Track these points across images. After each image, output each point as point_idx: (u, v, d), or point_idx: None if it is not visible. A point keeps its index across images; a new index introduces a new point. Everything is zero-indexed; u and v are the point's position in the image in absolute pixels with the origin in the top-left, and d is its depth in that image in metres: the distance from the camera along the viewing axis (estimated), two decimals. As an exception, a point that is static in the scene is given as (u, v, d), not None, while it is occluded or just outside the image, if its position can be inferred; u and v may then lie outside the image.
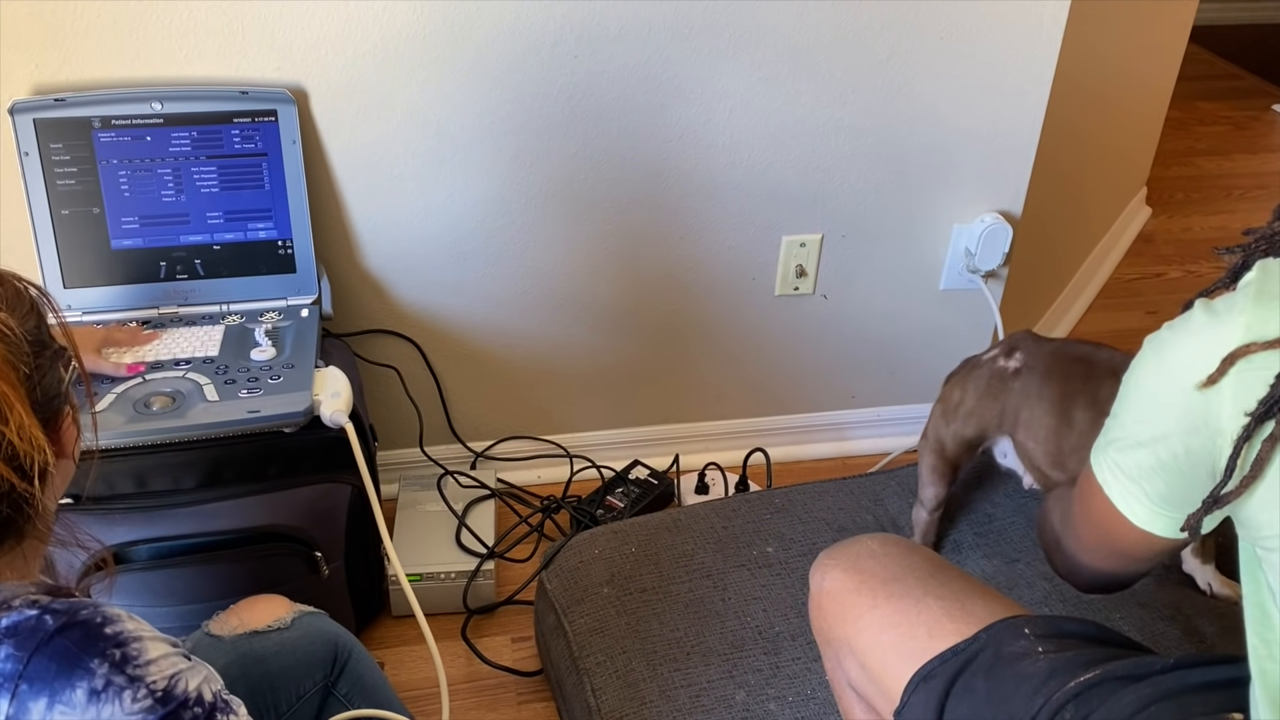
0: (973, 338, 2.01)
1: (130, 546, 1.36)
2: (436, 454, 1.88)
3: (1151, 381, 0.83)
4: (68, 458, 0.86)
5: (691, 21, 1.59)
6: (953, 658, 0.95)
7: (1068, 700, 0.87)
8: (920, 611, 1.00)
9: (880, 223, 1.84)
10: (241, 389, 1.36)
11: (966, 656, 0.95)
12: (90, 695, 0.72)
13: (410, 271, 1.72)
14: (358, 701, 1.18)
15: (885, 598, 1.03)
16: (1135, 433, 0.85)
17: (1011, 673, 0.92)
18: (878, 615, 1.02)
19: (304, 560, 1.45)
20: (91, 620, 0.74)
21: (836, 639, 1.07)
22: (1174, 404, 0.81)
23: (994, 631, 0.96)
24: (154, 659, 0.75)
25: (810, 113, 1.70)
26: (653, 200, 1.74)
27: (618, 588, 1.46)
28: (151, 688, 0.74)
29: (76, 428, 0.88)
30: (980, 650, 0.95)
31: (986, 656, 0.94)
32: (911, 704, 0.97)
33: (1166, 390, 0.81)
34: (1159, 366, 0.82)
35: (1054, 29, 1.70)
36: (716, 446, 2.00)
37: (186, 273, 1.54)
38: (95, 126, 1.46)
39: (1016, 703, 0.90)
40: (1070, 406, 1.34)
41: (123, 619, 0.76)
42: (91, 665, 0.72)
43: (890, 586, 1.03)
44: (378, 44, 1.53)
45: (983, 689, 0.93)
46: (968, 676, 0.94)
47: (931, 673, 0.96)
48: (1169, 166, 3.18)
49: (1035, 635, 0.94)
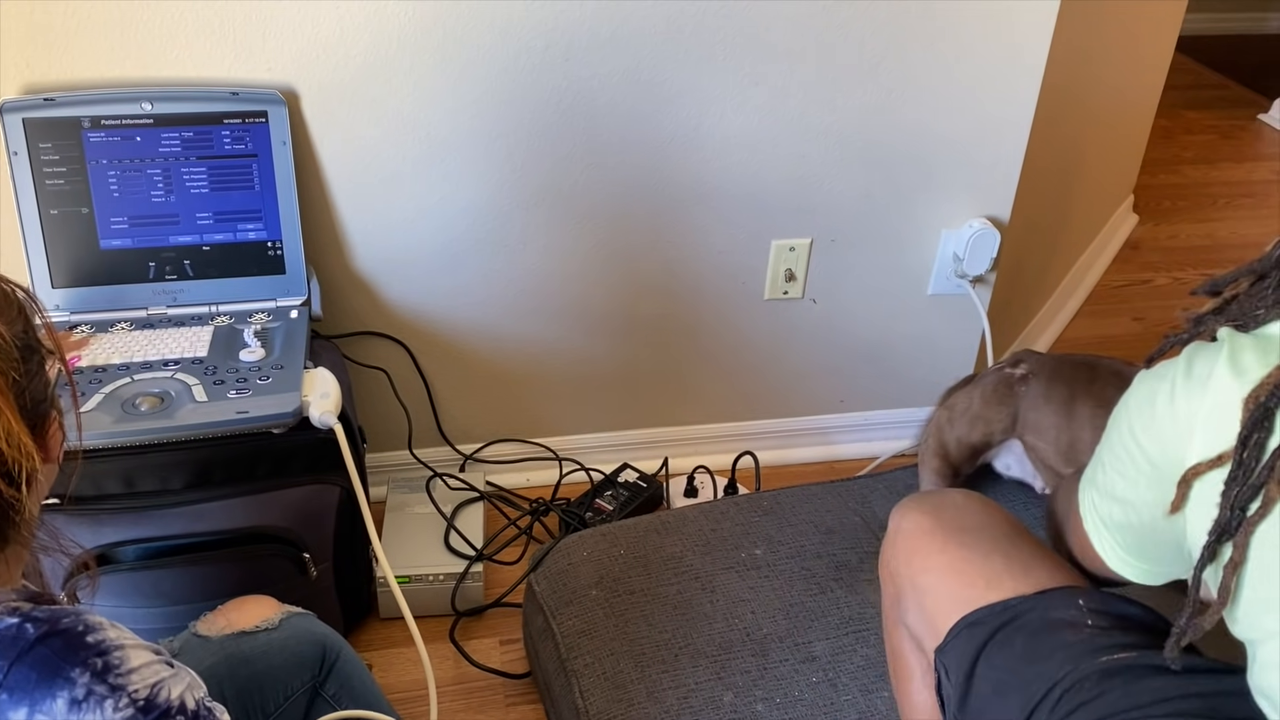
0: (961, 343, 2.01)
1: (117, 547, 1.36)
2: (425, 456, 1.88)
3: (1135, 434, 0.84)
4: (53, 462, 0.86)
5: (682, 26, 1.60)
6: (1002, 611, 0.98)
7: (1092, 673, 0.88)
8: (985, 563, 1.02)
9: (869, 228, 1.84)
10: (230, 390, 1.36)
11: (1015, 612, 0.97)
12: (71, 705, 0.71)
13: (400, 274, 1.72)
14: (345, 702, 1.18)
15: (956, 545, 1.05)
16: (1113, 484, 0.87)
17: (1052, 638, 0.94)
18: (945, 559, 1.05)
19: (292, 561, 1.44)
20: (73, 629, 0.74)
21: (901, 576, 1.09)
22: (1145, 472, 0.82)
23: (1048, 596, 0.97)
24: (136, 667, 0.75)
25: (800, 117, 1.71)
26: (643, 204, 1.74)
27: (606, 590, 1.46)
28: (133, 696, 0.73)
29: (62, 431, 0.88)
30: (1029, 610, 0.97)
31: (1034, 617, 0.96)
32: (953, 644, 0.99)
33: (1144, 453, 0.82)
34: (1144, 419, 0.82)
35: (1042, 36, 1.71)
36: (705, 450, 2.01)
37: (176, 273, 1.54)
38: (85, 126, 1.46)
39: (1048, 665, 0.91)
40: (1076, 405, 1.36)
41: (105, 627, 0.75)
42: (72, 675, 0.72)
43: (962, 536, 1.06)
44: (369, 46, 1.53)
45: (1020, 646, 0.95)
46: (1010, 630, 0.96)
47: (979, 620, 0.98)
48: (1156, 174, 3.20)
49: (1089, 609, 0.95)
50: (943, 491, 1.14)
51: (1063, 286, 2.50)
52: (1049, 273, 2.39)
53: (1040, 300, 2.38)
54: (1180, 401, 0.79)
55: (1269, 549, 0.74)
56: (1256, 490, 0.73)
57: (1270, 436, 0.73)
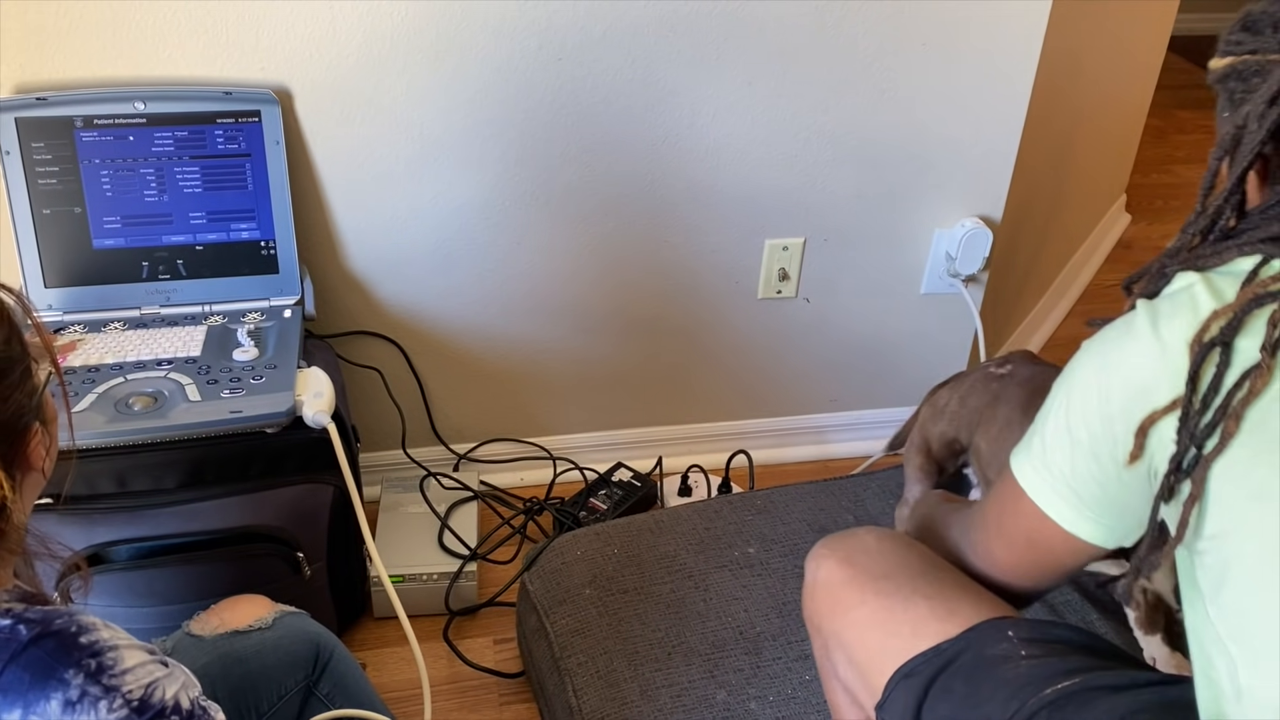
0: (953, 342, 2.02)
1: (111, 546, 1.35)
2: (419, 456, 1.88)
3: (1094, 381, 0.84)
4: (37, 471, 0.85)
5: (675, 26, 1.60)
6: (934, 657, 0.96)
7: (1042, 707, 0.87)
8: (907, 610, 1.00)
9: (862, 227, 1.85)
10: (224, 389, 1.36)
11: (948, 656, 0.95)
12: (65, 706, 0.71)
13: (394, 273, 1.72)
14: (339, 701, 1.18)
15: (874, 594, 1.03)
16: (1072, 433, 0.86)
17: (990, 676, 0.92)
18: (865, 611, 1.03)
19: (286, 561, 1.44)
20: (66, 629, 0.74)
21: (826, 630, 1.07)
22: (1115, 406, 0.82)
23: (977, 632, 0.96)
24: (130, 668, 0.75)
25: (793, 117, 1.71)
26: (637, 203, 1.74)
27: (600, 589, 1.46)
28: (128, 697, 0.73)
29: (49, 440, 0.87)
30: (962, 651, 0.95)
31: (967, 658, 0.94)
32: (892, 700, 0.97)
33: (1108, 391, 0.82)
34: (1102, 367, 0.83)
35: (1034, 37, 1.72)
36: (699, 449, 2.01)
37: (169, 273, 1.53)
38: (77, 126, 1.46)
39: (992, 707, 0.90)
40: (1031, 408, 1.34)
41: (98, 628, 0.75)
42: (66, 676, 0.72)
43: (880, 583, 1.03)
44: (362, 45, 1.53)
45: (960, 690, 0.93)
46: (947, 677, 0.94)
47: (913, 670, 0.96)
48: (1148, 174, 3.21)
49: (1019, 639, 0.94)
50: (854, 535, 1.11)
51: (1055, 286, 2.51)
52: (1041, 272, 2.40)
53: (1033, 299, 2.39)
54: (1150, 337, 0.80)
55: (1226, 483, 0.76)
56: (1213, 427, 0.75)
57: (1226, 373, 0.75)
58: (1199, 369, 0.76)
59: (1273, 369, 0.74)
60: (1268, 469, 0.73)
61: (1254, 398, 0.74)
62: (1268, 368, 0.74)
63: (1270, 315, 0.75)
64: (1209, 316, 0.77)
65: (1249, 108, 0.81)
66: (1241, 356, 0.75)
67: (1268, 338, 0.74)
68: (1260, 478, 0.74)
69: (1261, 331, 0.75)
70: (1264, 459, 0.74)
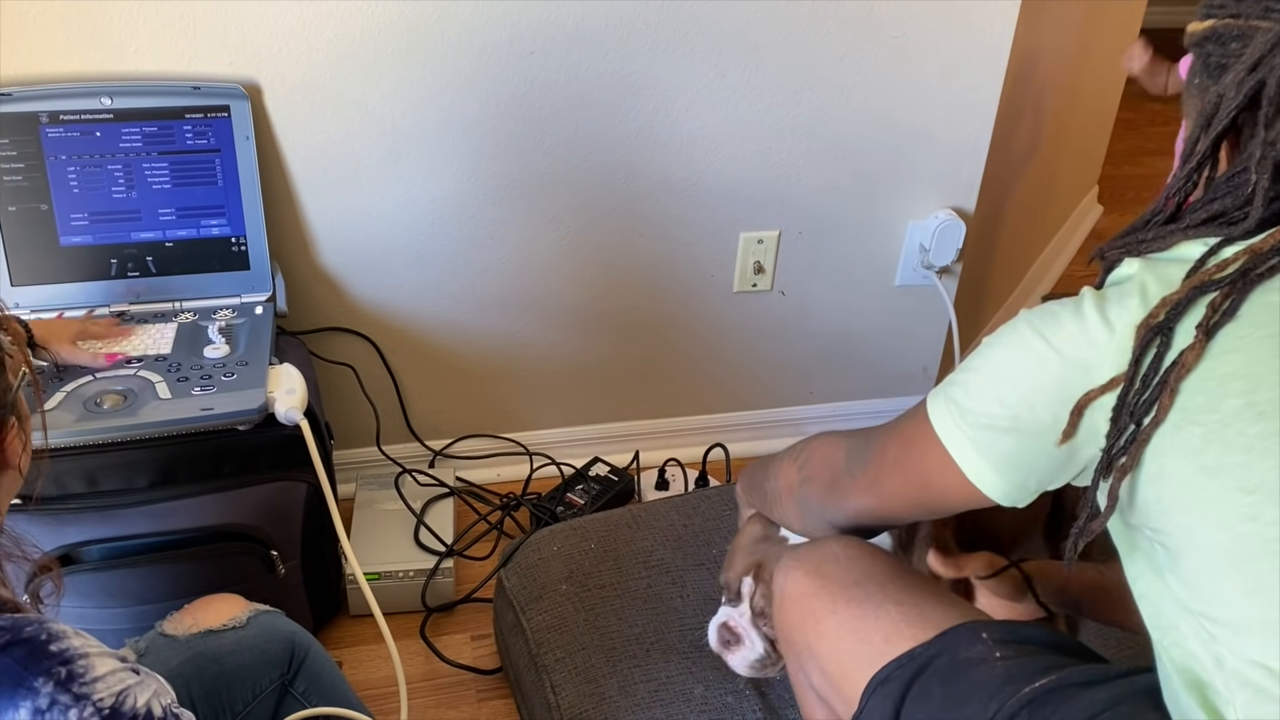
0: (928, 333, 2.03)
1: (82, 547, 1.34)
2: (394, 453, 1.87)
3: (1033, 350, 0.84)
4: (14, 469, 0.84)
5: (648, 19, 1.60)
6: (909, 662, 0.95)
7: (1022, 706, 0.87)
8: (879, 617, 1.00)
9: (836, 219, 1.85)
10: (195, 387, 1.35)
11: (922, 661, 0.95)
12: (34, 714, 0.70)
13: (366, 269, 1.71)
14: (315, 700, 1.17)
15: (845, 603, 1.02)
16: (999, 390, 0.86)
17: (967, 678, 0.92)
18: (837, 620, 1.02)
19: (260, 559, 1.43)
20: (36, 637, 0.73)
21: (798, 643, 1.06)
22: (1050, 378, 0.83)
23: (951, 636, 0.96)
24: (101, 675, 0.74)
25: (766, 110, 1.71)
26: (610, 197, 1.74)
27: (576, 584, 1.46)
28: (98, 705, 0.72)
29: (24, 437, 0.86)
30: (936, 655, 0.95)
31: (942, 662, 0.94)
32: (869, 708, 0.97)
33: (1045, 363, 0.83)
34: (1043, 339, 0.84)
35: (1005, 28, 1.72)
36: (677, 443, 2.01)
37: (138, 270, 1.52)
38: (43, 122, 1.44)
39: (971, 708, 0.90)
40: None
41: (69, 635, 0.75)
42: (36, 684, 0.71)
43: (850, 591, 1.03)
44: (332, 39, 1.52)
45: (938, 694, 0.93)
46: (923, 681, 0.94)
47: (888, 677, 0.96)
48: (1120, 165, 3.23)
49: (993, 640, 0.94)
50: (822, 544, 1.09)
51: (1029, 277, 2.52)
52: (1015, 263, 2.41)
53: (1007, 290, 2.40)
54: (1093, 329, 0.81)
55: (1164, 456, 0.78)
56: (1150, 404, 0.77)
57: (1167, 353, 0.77)
58: (1143, 351, 0.78)
59: (1205, 346, 0.76)
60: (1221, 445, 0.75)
61: (1186, 372, 0.76)
62: (1200, 345, 0.76)
63: (1210, 300, 0.77)
64: (1158, 303, 0.78)
65: (1230, 75, 0.80)
66: (1180, 339, 0.77)
67: (1205, 319, 0.77)
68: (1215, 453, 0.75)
69: (1201, 315, 0.77)
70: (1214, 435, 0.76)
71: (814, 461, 1.11)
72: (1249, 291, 0.77)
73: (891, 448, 0.98)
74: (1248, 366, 0.76)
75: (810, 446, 1.13)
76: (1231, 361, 0.76)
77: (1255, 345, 0.76)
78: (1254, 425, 0.74)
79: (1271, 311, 0.76)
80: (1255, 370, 0.75)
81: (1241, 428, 0.74)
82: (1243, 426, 0.74)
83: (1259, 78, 0.78)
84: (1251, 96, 0.79)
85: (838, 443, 1.08)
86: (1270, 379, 0.75)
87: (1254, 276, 0.77)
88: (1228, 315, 0.77)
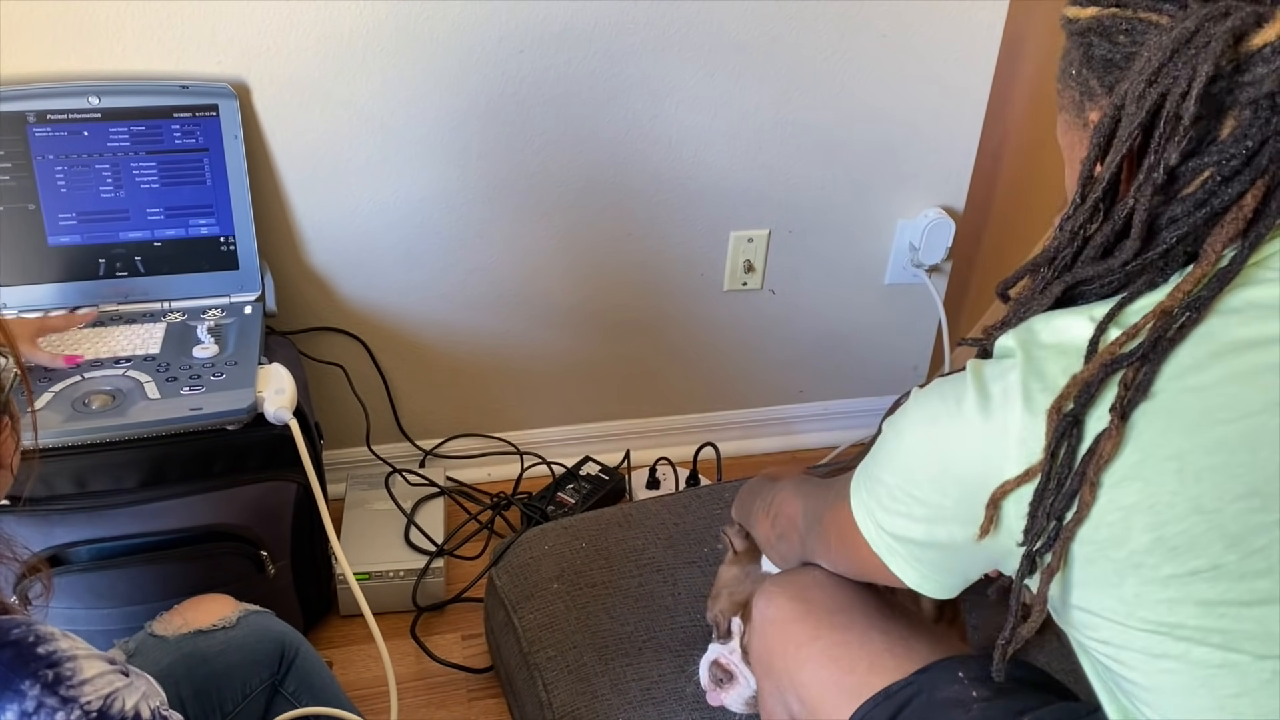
0: (918, 332, 2.03)
1: (70, 548, 1.33)
2: (384, 452, 1.87)
3: (926, 458, 0.81)
4: (5, 468, 0.84)
5: (636, 17, 1.60)
6: (885, 701, 0.94)
7: None
8: (864, 645, 0.99)
9: (826, 218, 1.85)
10: (183, 386, 1.34)
11: (900, 701, 0.94)
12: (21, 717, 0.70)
13: (356, 268, 1.70)
14: (305, 700, 1.17)
15: (829, 629, 1.01)
16: (906, 504, 0.83)
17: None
18: (820, 647, 1.01)
19: (249, 559, 1.43)
20: (24, 640, 0.72)
21: (777, 669, 1.05)
22: (950, 492, 0.79)
23: (929, 674, 0.95)
24: (89, 678, 0.73)
25: (756, 109, 1.71)
26: (600, 196, 1.74)
27: (568, 583, 1.46)
28: (86, 708, 0.72)
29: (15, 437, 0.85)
30: (914, 695, 0.94)
31: (919, 703, 0.93)
32: None
33: (941, 475, 0.79)
34: (933, 446, 0.80)
35: (994, 26, 1.73)
36: (667, 442, 2.01)
37: (127, 270, 1.51)
38: (30, 121, 1.43)
39: None
40: None
41: (56, 638, 0.74)
42: (22, 687, 0.70)
43: (835, 618, 1.02)
44: (320, 38, 1.51)
45: None
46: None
47: (866, 717, 0.95)
48: (1108, 164, 3.24)
49: (969, 679, 0.93)
50: (805, 571, 1.08)
51: (1018, 275, 2.53)
52: (1005, 261, 2.41)
53: (996, 289, 2.40)
54: (981, 423, 0.76)
55: (1089, 546, 0.74)
56: (1071, 497, 0.73)
57: (1080, 444, 0.73)
58: (1058, 442, 0.72)
59: (1122, 431, 0.71)
60: (1136, 580, 0.72)
61: (1105, 462, 0.71)
62: (1117, 430, 0.71)
63: (1121, 378, 0.72)
64: (1068, 383, 0.73)
65: (1126, 85, 0.73)
66: (1094, 423, 0.72)
67: (1118, 399, 0.71)
68: (1132, 588, 0.73)
69: (1112, 395, 0.72)
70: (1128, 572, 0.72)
71: (782, 520, 1.09)
72: (1161, 362, 0.72)
73: (831, 531, 0.96)
74: (1151, 496, 0.71)
75: (778, 501, 1.11)
76: (1132, 491, 0.71)
77: (1157, 467, 0.70)
78: (1167, 563, 0.71)
79: (1185, 387, 0.71)
80: (1160, 500, 0.70)
81: (1155, 564, 0.71)
82: (1155, 563, 0.71)
83: (1160, 91, 0.70)
84: (1152, 112, 0.71)
85: (795, 503, 1.07)
86: (1178, 509, 0.70)
87: (1164, 343, 0.72)
88: (1141, 392, 0.71)
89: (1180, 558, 0.70)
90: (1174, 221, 0.73)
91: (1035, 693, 0.94)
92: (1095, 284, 0.78)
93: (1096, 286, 0.78)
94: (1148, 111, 0.71)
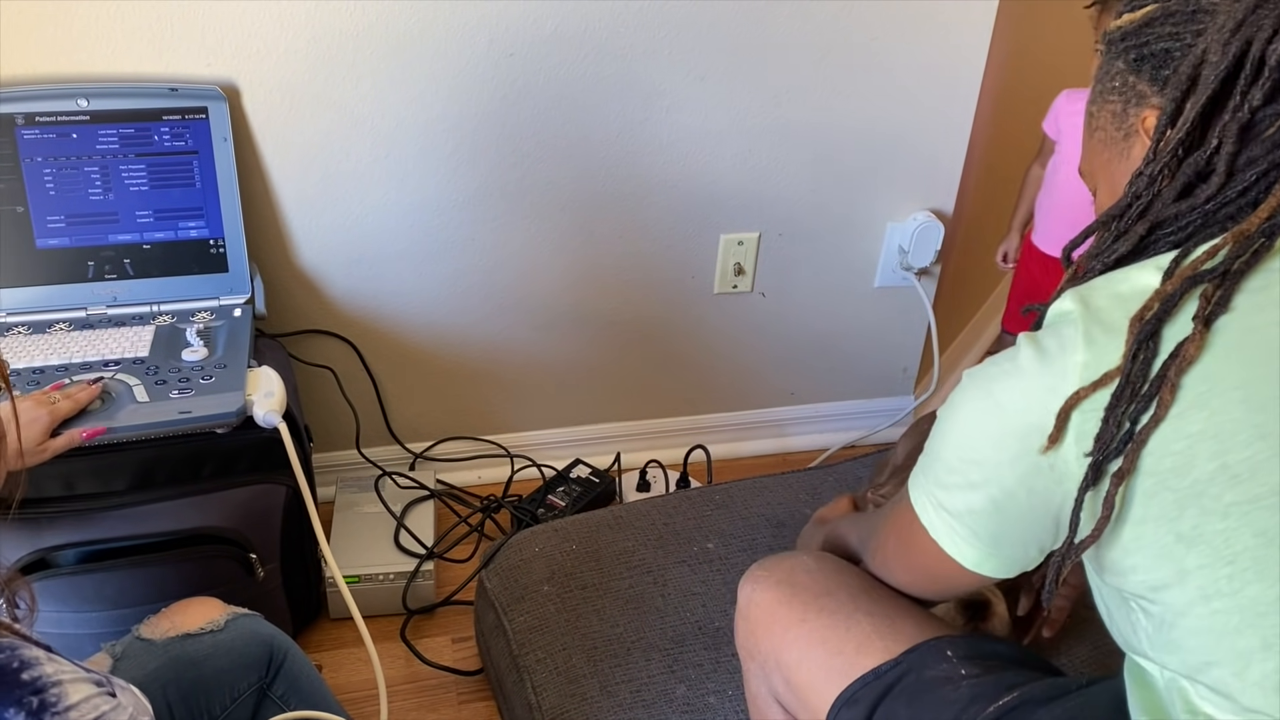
0: (908, 334, 2.04)
1: (58, 551, 1.33)
2: (374, 455, 1.86)
3: (983, 420, 0.81)
4: None
5: (627, 21, 1.60)
6: (874, 680, 0.95)
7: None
8: (850, 627, 0.99)
9: (816, 221, 1.86)
10: (173, 389, 1.34)
11: (889, 680, 0.94)
12: None
13: (346, 271, 1.70)
14: (294, 703, 1.16)
15: (816, 612, 1.01)
16: (964, 473, 0.83)
17: (932, 699, 0.92)
18: (807, 629, 1.01)
19: (238, 562, 1.43)
20: (7, 665, 0.71)
21: (763, 651, 1.05)
22: (1009, 446, 0.79)
23: (917, 654, 0.95)
24: (75, 703, 0.72)
25: (746, 112, 1.72)
26: (591, 199, 1.74)
27: (558, 585, 1.46)
28: None
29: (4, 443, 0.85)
30: (903, 674, 0.94)
31: (909, 681, 0.94)
32: None
33: (1000, 432, 0.80)
34: (990, 406, 0.81)
35: (982, 30, 1.73)
36: (658, 444, 2.01)
37: (115, 272, 1.51)
38: (19, 123, 1.43)
39: None
40: None
41: (41, 662, 0.73)
42: (6, 715, 0.69)
43: (822, 601, 1.02)
44: (311, 41, 1.51)
45: (904, 714, 0.92)
46: (890, 702, 0.94)
47: (854, 697, 0.95)
48: (1097, 167, 3.25)
49: (958, 657, 0.94)
50: (790, 556, 1.09)
51: (1008, 278, 2.53)
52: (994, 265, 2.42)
53: (986, 292, 2.41)
54: (1038, 372, 0.78)
55: (1151, 479, 0.74)
56: (1149, 400, 0.74)
57: (1156, 356, 0.74)
58: (1139, 347, 0.74)
59: (1205, 336, 0.73)
60: (1196, 511, 0.72)
61: (1187, 364, 0.73)
62: (1200, 335, 0.73)
63: (1202, 291, 0.74)
64: (1150, 297, 0.75)
65: (1204, 41, 0.76)
66: (1176, 331, 0.74)
67: (1199, 309, 0.74)
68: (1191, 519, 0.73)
69: (1193, 307, 0.74)
70: (1189, 501, 0.73)
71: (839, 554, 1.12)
72: (1240, 279, 0.74)
73: (889, 537, 0.97)
74: (1217, 424, 0.72)
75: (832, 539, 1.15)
76: (1198, 419, 0.73)
77: (1224, 395, 0.72)
78: (1229, 491, 0.71)
79: (1256, 306, 0.74)
80: (1225, 428, 0.72)
81: (1217, 493, 0.72)
82: (1218, 492, 0.72)
83: (1245, 38, 0.74)
84: (1237, 58, 0.74)
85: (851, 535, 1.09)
86: (1242, 436, 0.72)
87: (1242, 263, 0.74)
88: (1222, 306, 0.74)
89: (1243, 485, 0.71)
90: (1252, 162, 0.76)
91: (1022, 669, 0.94)
92: (1173, 226, 0.80)
93: (1172, 231, 0.80)
94: (1233, 57, 0.74)
